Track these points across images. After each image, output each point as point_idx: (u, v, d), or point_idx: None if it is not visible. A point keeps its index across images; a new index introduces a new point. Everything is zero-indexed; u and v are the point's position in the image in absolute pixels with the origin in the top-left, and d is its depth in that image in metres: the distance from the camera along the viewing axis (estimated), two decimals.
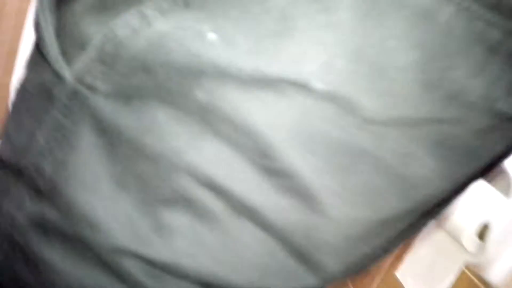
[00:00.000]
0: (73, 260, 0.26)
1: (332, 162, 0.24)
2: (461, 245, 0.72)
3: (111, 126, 0.25)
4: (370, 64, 0.22)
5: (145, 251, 0.26)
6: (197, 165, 0.25)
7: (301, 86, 0.22)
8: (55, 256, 0.26)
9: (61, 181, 0.26)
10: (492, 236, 0.64)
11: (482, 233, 0.67)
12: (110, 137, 0.25)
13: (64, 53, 0.26)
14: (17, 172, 0.28)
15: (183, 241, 0.26)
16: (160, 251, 0.26)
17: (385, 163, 0.24)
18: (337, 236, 0.26)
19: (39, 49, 0.27)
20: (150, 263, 0.26)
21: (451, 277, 0.72)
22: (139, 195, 0.25)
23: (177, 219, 0.26)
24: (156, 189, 0.25)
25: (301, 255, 0.27)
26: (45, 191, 0.27)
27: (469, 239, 0.69)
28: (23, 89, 0.29)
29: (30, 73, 0.29)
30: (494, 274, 0.67)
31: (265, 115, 0.23)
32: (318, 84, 0.22)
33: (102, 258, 0.26)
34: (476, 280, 0.72)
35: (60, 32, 0.26)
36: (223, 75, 0.22)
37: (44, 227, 0.27)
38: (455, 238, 0.73)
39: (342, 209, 0.25)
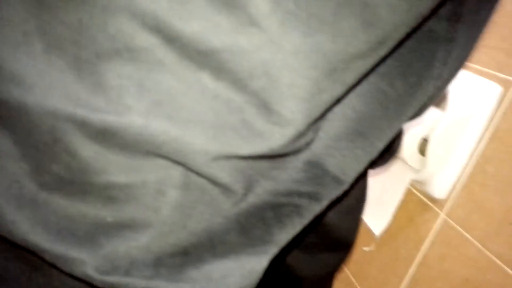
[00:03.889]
0: None
1: None
2: (406, 164, 0.73)
3: None
4: None
5: (81, 111, 0.22)
6: (134, 1, 0.21)
7: None
8: None
9: None
10: (431, 149, 0.65)
11: (423, 149, 0.68)
12: None
13: None
14: None
15: (128, 98, 0.22)
16: (100, 112, 0.22)
17: None
18: (296, 71, 0.23)
19: None
20: (89, 125, 0.22)
21: (398, 196, 0.74)
22: (72, 49, 0.22)
23: (118, 73, 0.22)
24: (92, 40, 0.22)
25: (261, 102, 0.24)
26: None
27: (412, 155, 0.70)
28: None
29: None
30: (437, 188, 0.69)
31: None
32: None
33: (34, 123, 0.22)
34: (422, 197, 0.74)
35: None
36: None
37: None
38: (400, 157, 0.74)
39: (300, 37, 0.23)
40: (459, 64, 0.36)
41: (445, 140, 0.65)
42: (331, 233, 0.47)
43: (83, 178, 0.23)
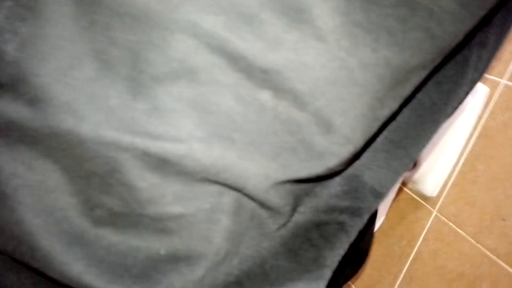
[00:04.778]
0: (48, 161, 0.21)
1: None
2: None
3: None
4: None
5: (141, 141, 0.21)
6: (197, 20, 0.20)
7: None
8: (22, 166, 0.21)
9: (28, 63, 0.20)
10: None
11: None
12: (86, 1, 0.20)
13: None
14: None
15: (189, 123, 0.21)
16: (160, 139, 0.21)
17: None
18: (361, 86, 0.23)
19: None
20: (149, 155, 0.21)
21: (391, 195, 0.76)
22: (127, 73, 0.21)
23: (177, 96, 0.21)
24: (150, 63, 0.21)
25: (321, 120, 0.23)
26: (6, 82, 0.20)
27: None
28: None
29: None
30: (428, 186, 0.71)
31: None
32: None
33: (88, 154, 0.20)
34: (414, 195, 0.76)
35: None
36: None
37: (5, 129, 0.20)
38: None
39: (369, 52, 0.22)
40: (487, 67, 0.37)
41: (436, 139, 0.67)
42: (352, 246, 0.48)
43: (137, 211, 0.22)
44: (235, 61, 0.21)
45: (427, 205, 0.73)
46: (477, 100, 0.64)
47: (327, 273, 0.27)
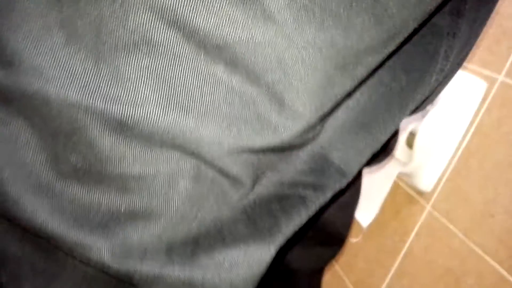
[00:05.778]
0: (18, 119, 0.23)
1: None
2: (394, 157, 0.75)
3: None
4: None
5: (101, 103, 0.22)
6: None
7: None
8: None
9: (2, 32, 0.23)
10: (418, 142, 0.67)
11: (411, 143, 0.70)
12: None
13: None
14: None
15: (146, 90, 0.23)
16: (119, 103, 0.23)
17: None
18: (309, 65, 0.24)
19: None
20: (108, 117, 0.23)
21: (386, 189, 0.76)
22: (92, 42, 0.23)
23: (136, 66, 0.23)
24: (112, 34, 0.23)
25: (274, 95, 0.25)
26: None
27: (400, 148, 0.72)
28: None
29: None
30: (423, 181, 0.71)
31: None
32: None
33: (54, 114, 0.23)
34: (409, 190, 0.76)
35: None
36: None
37: None
38: None
39: (313, 32, 0.23)
40: (461, 60, 0.37)
41: (432, 134, 0.67)
42: (326, 227, 0.48)
43: (99, 169, 0.23)
44: (191, 35, 0.23)
45: (421, 200, 0.73)
46: (475, 95, 0.64)
47: (280, 239, 0.28)
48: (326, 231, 0.49)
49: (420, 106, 0.38)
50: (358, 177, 0.50)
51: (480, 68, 0.66)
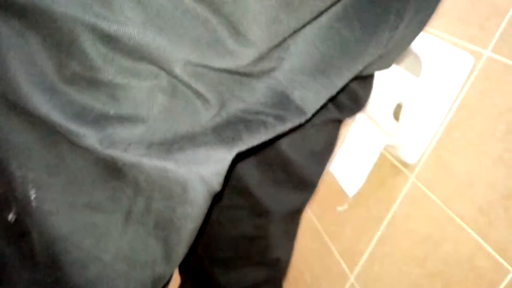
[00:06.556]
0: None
1: None
2: (381, 128, 0.77)
3: None
4: None
5: (93, 19, 0.27)
6: None
7: None
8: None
9: None
10: (404, 114, 0.69)
11: (398, 115, 0.72)
12: None
13: None
14: None
15: (129, 12, 0.27)
16: (107, 20, 0.27)
17: None
18: (257, 2, 0.28)
19: None
20: (98, 30, 0.27)
21: (373, 160, 0.78)
22: None
23: None
24: None
25: (231, 25, 0.29)
26: None
27: (387, 120, 0.74)
28: None
29: None
30: (408, 153, 0.73)
31: None
32: None
33: (58, 27, 0.27)
34: (394, 161, 0.78)
35: None
36: None
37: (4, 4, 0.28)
38: (375, 122, 0.78)
39: None
40: (420, 22, 0.39)
41: (418, 106, 0.69)
42: (297, 171, 0.52)
43: (92, 75, 0.28)
44: None
45: (406, 171, 0.75)
46: (462, 69, 0.65)
47: (240, 146, 0.34)
48: (299, 176, 0.54)
49: (378, 64, 0.41)
50: (330, 126, 0.54)
51: (467, 43, 0.67)
